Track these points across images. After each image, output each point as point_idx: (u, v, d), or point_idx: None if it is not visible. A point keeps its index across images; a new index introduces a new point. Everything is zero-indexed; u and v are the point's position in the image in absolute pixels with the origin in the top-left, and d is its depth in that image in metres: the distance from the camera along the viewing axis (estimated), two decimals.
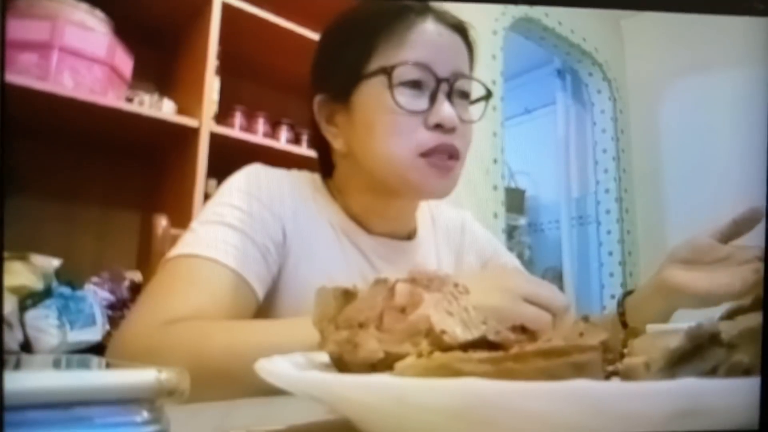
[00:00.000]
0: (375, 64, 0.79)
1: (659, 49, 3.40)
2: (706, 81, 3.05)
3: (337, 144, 0.84)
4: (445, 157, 0.79)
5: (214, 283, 0.70)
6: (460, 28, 0.83)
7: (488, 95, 0.87)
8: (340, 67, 0.83)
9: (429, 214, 0.99)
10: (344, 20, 0.85)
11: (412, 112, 0.77)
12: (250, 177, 0.83)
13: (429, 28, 0.80)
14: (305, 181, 0.88)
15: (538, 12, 3.06)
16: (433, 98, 0.78)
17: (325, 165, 0.90)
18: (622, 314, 0.86)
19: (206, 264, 0.70)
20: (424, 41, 0.79)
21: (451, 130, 0.78)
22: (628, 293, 0.88)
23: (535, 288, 0.65)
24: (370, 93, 0.79)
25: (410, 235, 0.93)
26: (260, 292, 0.74)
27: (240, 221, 0.75)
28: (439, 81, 0.78)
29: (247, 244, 0.74)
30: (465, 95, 0.83)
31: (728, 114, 2.75)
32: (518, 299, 0.63)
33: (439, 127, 0.77)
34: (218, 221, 0.75)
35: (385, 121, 0.78)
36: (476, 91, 0.86)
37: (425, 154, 0.78)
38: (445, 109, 0.77)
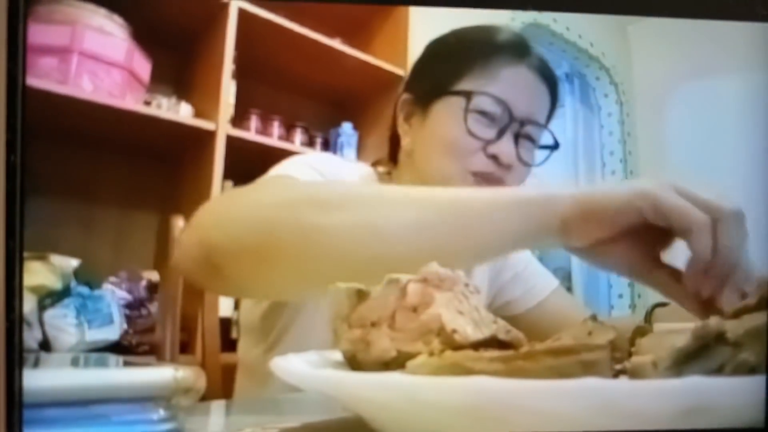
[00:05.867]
0: (461, 85, 0.82)
1: (665, 53, 3.36)
2: (711, 85, 3.02)
3: (405, 141, 0.88)
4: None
5: None
6: (551, 81, 0.86)
7: (555, 146, 0.89)
8: (432, 77, 0.87)
9: None
10: (453, 38, 0.89)
11: (477, 138, 0.80)
12: (315, 157, 0.90)
13: (522, 71, 0.83)
14: (364, 173, 0.92)
15: (546, 18, 3.05)
16: (501, 133, 0.81)
17: (390, 159, 0.94)
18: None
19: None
20: (512, 81, 0.82)
21: (506, 166, 0.81)
22: (657, 305, 0.86)
23: (693, 189, 0.54)
24: (448, 109, 0.83)
25: None
26: None
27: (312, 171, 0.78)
28: (511, 119, 0.81)
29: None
30: (532, 140, 0.85)
31: (733, 118, 2.72)
32: (671, 189, 0.53)
33: (495, 158, 0.80)
34: (293, 163, 0.79)
35: (451, 139, 0.81)
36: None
37: (475, 174, 0.81)
38: (507, 145, 0.81)
